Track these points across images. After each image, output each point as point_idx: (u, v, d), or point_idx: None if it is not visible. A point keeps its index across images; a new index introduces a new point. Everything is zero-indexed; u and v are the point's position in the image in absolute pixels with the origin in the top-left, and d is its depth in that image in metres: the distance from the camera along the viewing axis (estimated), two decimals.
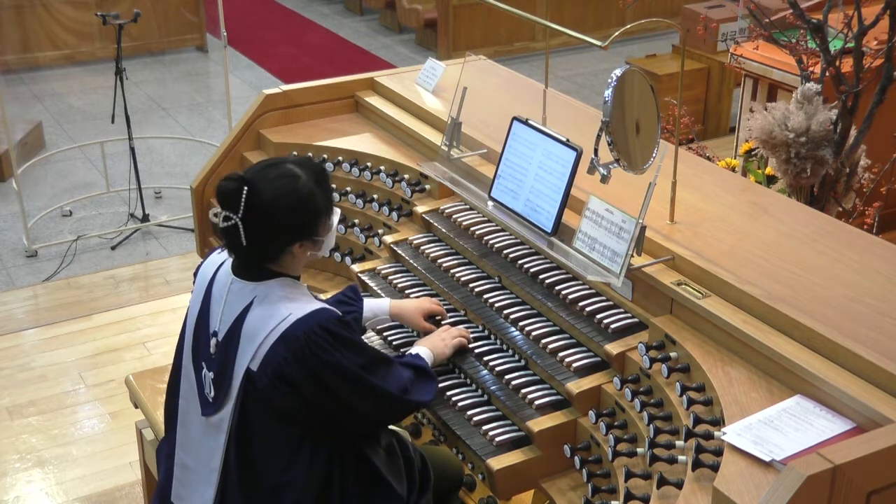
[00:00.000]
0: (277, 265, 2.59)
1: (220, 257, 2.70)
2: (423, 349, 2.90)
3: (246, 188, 2.48)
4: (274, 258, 2.57)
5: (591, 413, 2.70)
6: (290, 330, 2.47)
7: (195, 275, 2.75)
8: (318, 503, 2.57)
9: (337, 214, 2.70)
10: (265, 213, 2.49)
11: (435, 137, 3.67)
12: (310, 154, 3.85)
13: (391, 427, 2.83)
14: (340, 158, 3.83)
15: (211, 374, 2.59)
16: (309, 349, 2.46)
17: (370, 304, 3.07)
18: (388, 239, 3.50)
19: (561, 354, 2.83)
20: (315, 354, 2.46)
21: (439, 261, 3.31)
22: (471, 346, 3.00)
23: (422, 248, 3.39)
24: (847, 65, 3.98)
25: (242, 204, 2.47)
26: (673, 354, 2.63)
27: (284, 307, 2.51)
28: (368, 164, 3.80)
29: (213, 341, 2.59)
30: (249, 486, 2.59)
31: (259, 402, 2.52)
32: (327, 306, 2.58)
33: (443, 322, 3.09)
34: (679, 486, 2.32)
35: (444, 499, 2.93)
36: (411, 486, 2.76)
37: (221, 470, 2.60)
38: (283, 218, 2.51)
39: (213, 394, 2.59)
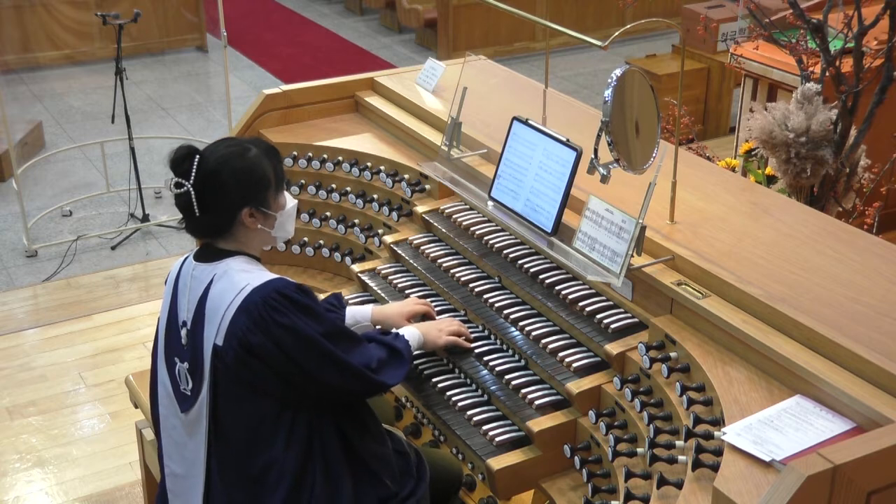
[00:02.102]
0: (233, 240, 2.63)
1: (184, 256, 2.74)
2: (413, 331, 2.90)
3: (198, 156, 2.56)
4: (227, 229, 2.61)
5: (591, 413, 2.70)
6: (249, 298, 2.50)
7: (166, 283, 2.78)
8: (300, 483, 2.57)
9: (292, 201, 2.73)
10: (213, 175, 2.55)
11: (435, 137, 3.67)
12: (309, 154, 3.86)
13: (384, 425, 2.84)
14: (340, 158, 3.84)
15: (185, 365, 2.61)
16: (267, 314, 2.48)
17: (352, 311, 3.06)
18: (388, 239, 3.50)
19: (561, 354, 2.83)
20: (272, 319, 2.48)
21: (439, 261, 3.31)
22: (471, 345, 2.99)
23: (422, 248, 3.39)
24: (847, 65, 3.98)
25: (194, 171, 2.54)
26: (673, 354, 2.63)
27: (241, 279, 2.55)
28: (368, 164, 3.80)
29: (183, 332, 2.62)
30: (231, 473, 2.59)
31: (229, 378, 2.53)
32: (285, 277, 2.59)
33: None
34: (679, 486, 2.32)
35: (443, 500, 2.93)
36: (406, 479, 2.76)
37: (206, 463, 2.61)
38: (229, 180, 2.56)
39: (189, 385, 2.61)
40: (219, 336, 2.52)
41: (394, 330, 2.91)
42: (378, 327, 3.11)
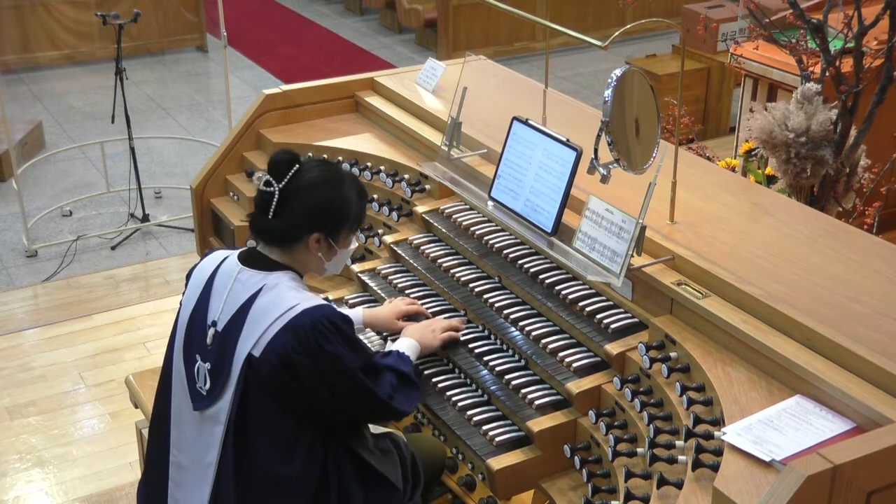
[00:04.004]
0: (289, 255, 2.64)
1: (221, 254, 2.72)
2: (410, 342, 2.92)
3: (297, 166, 2.60)
4: (289, 243, 2.62)
5: (591, 413, 2.70)
6: (298, 319, 2.50)
7: (188, 277, 2.76)
8: (316, 499, 2.57)
9: (355, 243, 2.78)
10: (303, 192, 2.59)
11: (435, 137, 3.67)
12: (310, 154, 3.85)
13: (385, 429, 2.84)
14: (340, 158, 3.84)
15: (207, 365, 2.60)
16: (314, 338, 2.49)
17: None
18: (388, 239, 3.50)
19: (561, 354, 2.83)
20: (319, 344, 2.49)
21: (439, 261, 3.31)
22: (471, 346, 3.00)
23: (422, 248, 3.39)
24: (847, 65, 3.97)
25: (288, 178, 2.59)
26: (673, 354, 2.63)
27: (292, 297, 2.55)
28: (368, 164, 3.80)
29: (210, 332, 2.60)
30: (245, 479, 2.58)
31: (260, 389, 2.53)
32: (332, 305, 2.61)
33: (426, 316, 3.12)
34: (679, 486, 2.32)
35: (428, 484, 2.93)
36: (405, 483, 2.77)
37: (217, 463, 2.60)
38: (315, 203, 2.61)
39: (207, 386, 2.60)
40: (256, 347, 2.51)
41: (392, 347, 2.91)
42: (368, 330, 3.13)
